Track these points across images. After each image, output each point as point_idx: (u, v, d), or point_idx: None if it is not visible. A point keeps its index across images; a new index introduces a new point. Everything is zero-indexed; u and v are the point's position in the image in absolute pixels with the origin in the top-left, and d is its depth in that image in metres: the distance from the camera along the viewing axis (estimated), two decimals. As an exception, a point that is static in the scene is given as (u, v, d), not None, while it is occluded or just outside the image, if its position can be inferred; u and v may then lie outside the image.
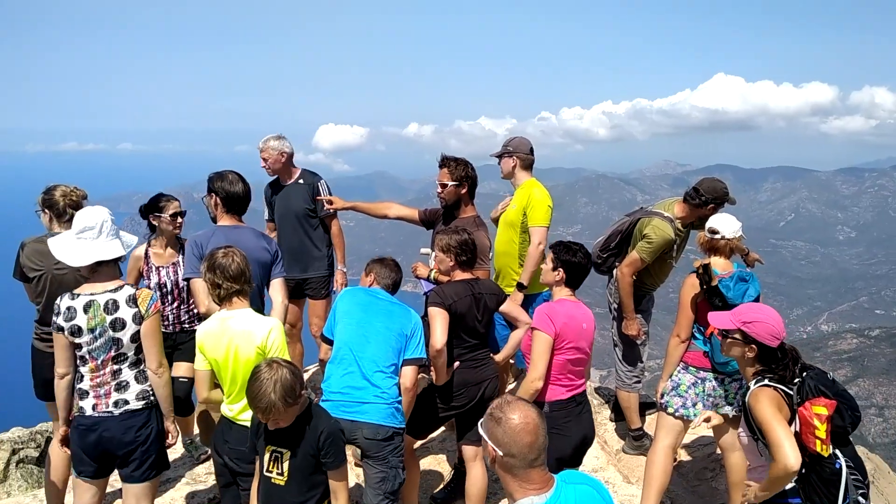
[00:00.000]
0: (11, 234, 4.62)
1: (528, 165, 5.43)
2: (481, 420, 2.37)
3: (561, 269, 4.04)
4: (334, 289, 5.93)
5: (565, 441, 3.99)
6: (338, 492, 3.24)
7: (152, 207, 4.97)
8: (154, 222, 4.99)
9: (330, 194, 5.88)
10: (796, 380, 3.32)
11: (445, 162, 5.07)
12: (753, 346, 3.39)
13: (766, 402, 3.23)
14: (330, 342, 4.08)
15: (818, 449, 3.19)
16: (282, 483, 3.21)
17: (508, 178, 5.49)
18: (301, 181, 5.87)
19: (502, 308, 4.44)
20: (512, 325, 4.59)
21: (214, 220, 4.70)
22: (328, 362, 4.02)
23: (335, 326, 4.04)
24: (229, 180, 4.52)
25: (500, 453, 2.25)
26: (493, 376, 4.44)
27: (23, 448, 5.79)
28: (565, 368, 3.99)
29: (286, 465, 3.19)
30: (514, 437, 2.24)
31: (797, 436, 3.23)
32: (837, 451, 3.27)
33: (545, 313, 3.96)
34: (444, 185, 5.05)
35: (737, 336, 3.43)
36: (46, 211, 4.29)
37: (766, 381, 3.32)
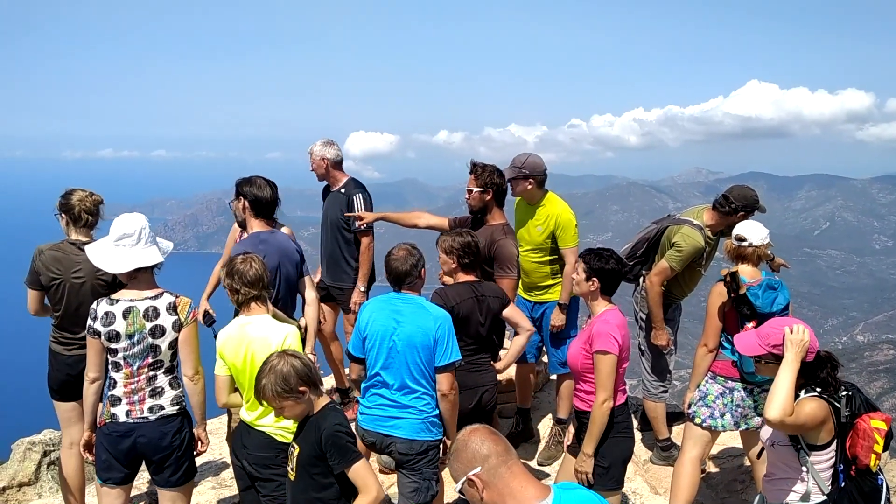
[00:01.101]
0: (54, 239, 4.67)
1: (542, 183, 5.29)
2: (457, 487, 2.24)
3: (595, 279, 3.95)
4: (350, 307, 5.83)
5: (631, 442, 4.09)
6: (361, 488, 3.11)
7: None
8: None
9: (367, 208, 5.77)
10: (843, 392, 3.17)
11: (473, 168, 5.03)
12: None
13: (816, 406, 3.09)
14: (356, 360, 4.04)
15: (871, 463, 3.10)
16: (292, 477, 3.26)
17: (520, 197, 5.39)
18: (342, 190, 5.84)
19: (505, 313, 4.38)
20: (545, 334, 4.53)
21: (241, 225, 4.74)
22: (363, 383, 4.01)
23: (362, 345, 3.98)
24: (258, 185, 4.58)
25: (479, 468, 2.14)
26: (491, 383, 4.36)
27: (54, 450, 5.87)
28: (622, 375, 3.99)
29: (295, 461, 3.22)
30: (476, 445, 2.16)
31: (848, 448, 3.13)
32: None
33: (609, 333, 3.82)
34: (469, 191, 5.03)
35: (769, 360, 3.27)
36: (63, 215, 4.31)
37: (816, 393, 3.16)
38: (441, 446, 3.98)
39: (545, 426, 6.04)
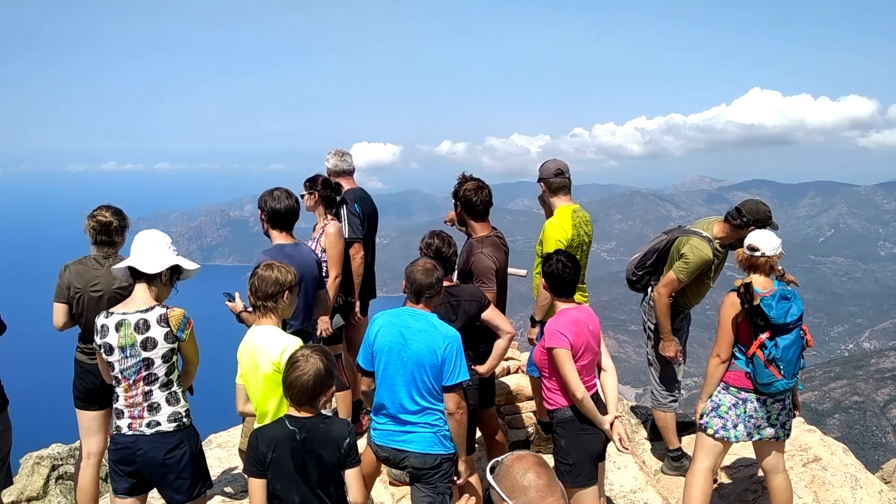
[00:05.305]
0: (59, 252, 4.74)
1: (556, 189, 5.18)
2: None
3: (544, 280, 4.20)
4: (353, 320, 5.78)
5: (596, 437, 4.12)
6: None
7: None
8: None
9: (359, 217, 5.71)
10: None
11: None
12: None
13: None
14: (366, 373, 4.01)
15: None
16: None
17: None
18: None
19: (484, 315, 4.36)
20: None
21: (268, 235, 4.76)
22: (374, 400, 3.98)
23: (372, 359, 3.94)
24: (275, 197, 4.64)
25: (515, 501, 2.08)
26: (472, 385, 4.30)
27: (62, 464, 5.86)
28: (587, 369, 4.12)
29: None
30: (517, 475, 2.11)
31: None
32: None
33: (555, 329, 4.01)
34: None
35: None
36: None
37: None
38: (455, 460, 3.95)
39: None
